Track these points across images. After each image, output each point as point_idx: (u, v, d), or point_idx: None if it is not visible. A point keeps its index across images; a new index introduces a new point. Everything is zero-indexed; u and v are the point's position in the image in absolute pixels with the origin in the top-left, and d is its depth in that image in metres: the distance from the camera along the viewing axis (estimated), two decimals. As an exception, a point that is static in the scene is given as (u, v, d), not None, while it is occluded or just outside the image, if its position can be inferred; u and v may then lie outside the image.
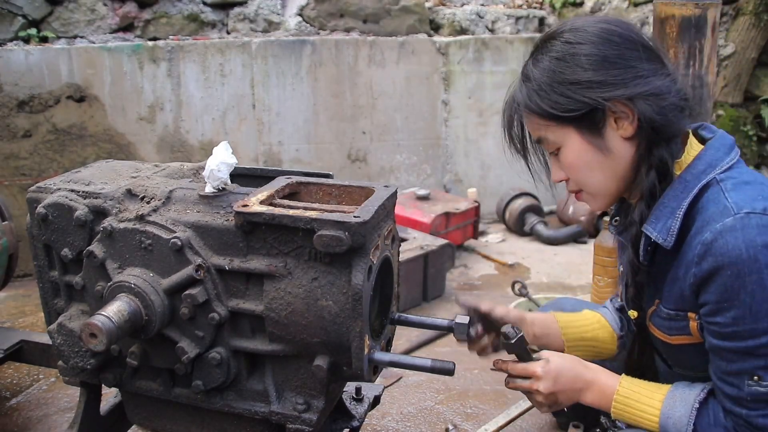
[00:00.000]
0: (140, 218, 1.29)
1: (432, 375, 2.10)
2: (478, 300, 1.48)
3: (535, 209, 4.14)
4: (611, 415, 1.28)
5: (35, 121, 3.52)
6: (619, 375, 1.29)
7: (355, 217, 1.16)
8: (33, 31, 3.68)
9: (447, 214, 3.62)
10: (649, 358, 1.38)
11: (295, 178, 1.39)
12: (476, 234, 3.88)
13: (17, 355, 2.04)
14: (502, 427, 2.05)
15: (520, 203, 4.13)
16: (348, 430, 1.55)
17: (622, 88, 1.15)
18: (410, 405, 2.24)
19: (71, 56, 3.54)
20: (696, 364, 1.24)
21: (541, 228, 4.05)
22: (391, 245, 1.35)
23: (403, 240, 3.13)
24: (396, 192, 1.34)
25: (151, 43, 3.74)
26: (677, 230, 1.16)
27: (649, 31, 3.31)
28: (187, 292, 1.23)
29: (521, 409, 2.11)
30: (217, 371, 1.29)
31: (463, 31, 4.48)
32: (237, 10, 4.11)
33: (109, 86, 3.63)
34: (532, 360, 1.32)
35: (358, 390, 1.62)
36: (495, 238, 4.12)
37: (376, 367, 1.31)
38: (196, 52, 3.78)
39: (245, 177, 1.53)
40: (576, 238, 4.03)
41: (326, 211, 1.20)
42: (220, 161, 1.30)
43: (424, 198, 3.76)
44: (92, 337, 1.16)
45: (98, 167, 1.55)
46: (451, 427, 2.04)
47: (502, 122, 1.34)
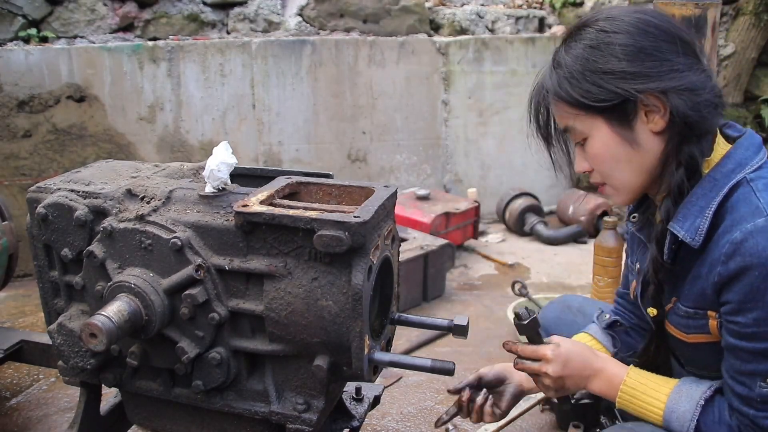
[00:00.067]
0: (140, 218, 1.28)
1: (432, 375, 2.09)
2: (464, 378, 1.56)
3: (535, 209, 4.13)
4: (616, 405, 1.27)
5: (35, 121, 3.52)
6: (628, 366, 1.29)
7: (355, 217, 1.16)
8: (33, 31, 3.68)
9: (447, 214, 3.62)
10: (665, 357, 1.36)
11: (295, 178, 1.39)
12: (476, 234, 3.88)
13: (17, 355, 2.04)
14: (502, 427, 2.05)
15: (520, 203, 4.13)
16: (348, 430, 1.55)
17: (657, 80, 1.13)
18: (410, 405, 2.24)
19: (71, 56, 3.54)
20: (709, 364, 1.23)
21: (541, 228, 4.05)
22: (391, 245, 1.35)
23: (403, 240, 3.13)
24: (396, 192, 1.34)
25: (151, 43, 3.74)
26: (706, 230, 1.14)
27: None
28: (187, 292, 1.23)
29: (521, 409, 2.11)
30: (217, 371, 1.29)
31: (463, 31, 4.48)
32: (237, 10, 4.11)
33: (109, 86, 3.63)
34: (543, 343, 1.31)
35: (358, 390, 1.62)
36: (495, 238, 4.11)
37: (376, 367, 1.31)
38: (196, 52, 3.78)
39: (245, 177, 1.53)
40: (576, 238, 4.03)
41: (326, 211, 1.20)
42: (220, 161, 1.29)
43: (424, 198, 3.76)
44: (92, 337, 1.16)
45: (98, 167, 1.54)
46: (451, 427, 2.03)
47: (527, 108, 1.31)
